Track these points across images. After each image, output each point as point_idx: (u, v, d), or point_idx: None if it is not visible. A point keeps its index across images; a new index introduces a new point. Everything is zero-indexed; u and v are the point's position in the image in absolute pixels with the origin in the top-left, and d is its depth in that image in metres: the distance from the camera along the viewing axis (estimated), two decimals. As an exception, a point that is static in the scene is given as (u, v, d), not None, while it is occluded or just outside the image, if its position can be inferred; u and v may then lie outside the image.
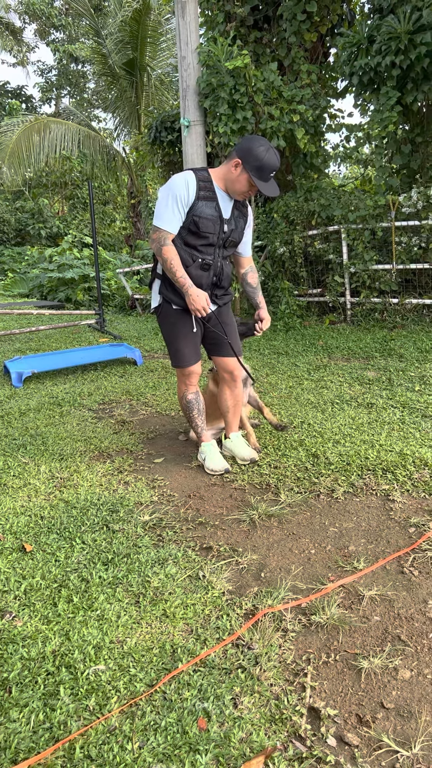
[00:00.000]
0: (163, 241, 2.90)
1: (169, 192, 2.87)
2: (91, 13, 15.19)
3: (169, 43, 15.41)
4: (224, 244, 3.04)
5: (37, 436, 3.91)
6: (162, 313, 3.16)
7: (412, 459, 3.27)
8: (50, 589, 2.22)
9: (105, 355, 5.93)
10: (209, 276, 3.06)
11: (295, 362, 5.72)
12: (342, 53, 7.20)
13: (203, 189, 2.88)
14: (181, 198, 2.85)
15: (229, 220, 3.00)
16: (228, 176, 2.90)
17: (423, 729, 1.59)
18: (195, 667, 1.81)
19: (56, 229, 20.84)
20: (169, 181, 2.90)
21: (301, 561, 2.40)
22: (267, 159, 2.78)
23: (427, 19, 6.15)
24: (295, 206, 7.82)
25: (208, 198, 2.89)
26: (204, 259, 2.99)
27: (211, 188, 2.91)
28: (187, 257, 2.96)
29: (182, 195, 2.85)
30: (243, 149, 2.80)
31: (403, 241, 6.97)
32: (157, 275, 3.14)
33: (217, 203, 2.93)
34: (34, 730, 1.60)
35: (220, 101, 7.57)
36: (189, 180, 2.86)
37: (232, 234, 3.04)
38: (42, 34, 27.12)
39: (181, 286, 2.93)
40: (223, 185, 2.94)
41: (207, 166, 3.10)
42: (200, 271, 3.01)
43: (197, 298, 2.92)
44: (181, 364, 3.20)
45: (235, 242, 3.11)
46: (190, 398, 3.31)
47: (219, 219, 2.94)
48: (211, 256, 3.01)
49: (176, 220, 2.89)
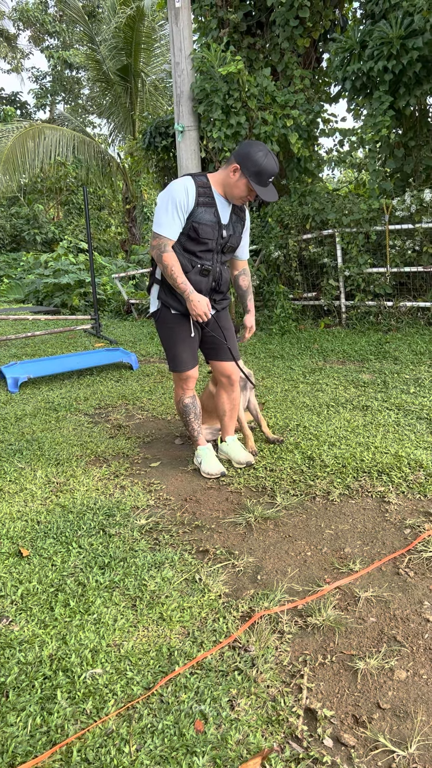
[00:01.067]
0: (164, 248, 2.90)
1: (168, 198, 2.87)
2: (85, 20, 15.26)
3: (163, 49, 15.47)
4: (223, 249, 3.06)
5: (34, 441, 3.91)
6: (160, 317, 3.17)
7: (407, 461, 3.28)
8: (47, 594, 2.22)
9: (101, 360, 5.93)
10: (208, 281, 3.07)
11: (290, 365, 5.73)
12: (335, 58, 7.25)
13: (202, 195, 2.89)
14: (180, 204, 2.85)
15: (227, 225, 3.01)
16: (226, 181, 2.91)
17: (419, 729, 1.59)
18: (192, 669, 1.82)
19: (51, 234, 20.85)
20: (168, 187, 2.91)
21: (297, 563, 2.40)
22: (265, 164, 2.79)
23: (418, 24, 6.21)
24: (290, 210, 7.86)
25: (207, 204, 2.90)
26: (203, 264, 3.00)
27: (210, 194, 2.92)
28: (187, 263, 2.97)
29: (182, 201, 2.85)
30: (241, 154, 2.82)
31: (397, 244, 7.00)
32: (155, 280, 3.14)
33: (216, 209, 2.94)
34: (32, 734, 1.60)
35: (214, 106, 7.61)
36: (188, 186, 2.86)
37: (231, 239, 3.06)
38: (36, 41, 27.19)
39: (182, 291, 2.93)
40: (222, 190, 2.95)
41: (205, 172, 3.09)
42: (199, 277, 3.02)
43: (198, 303, 2.93)
44: (179, 368, 3.21)
45: (233, 247, 3.12)
46: (186, 402, 3.32)
47: (218, 225, 2.96)
48: (210, 261, 3.02)
49: (176, 227, 2.90)
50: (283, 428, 3.93)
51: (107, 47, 14.77)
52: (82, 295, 12.14)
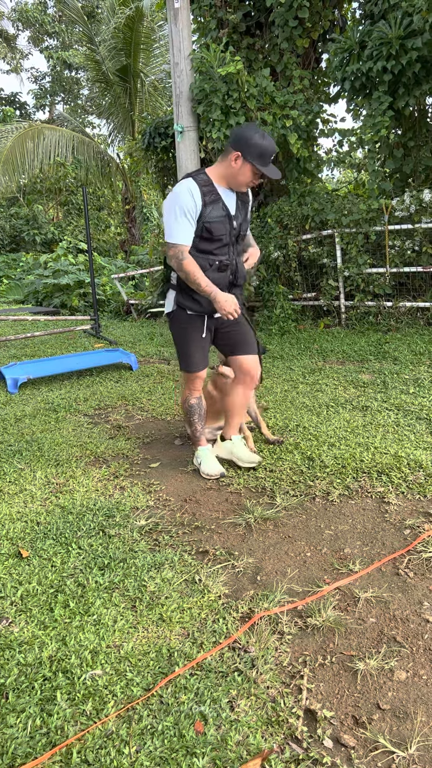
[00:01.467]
0: (181, 256, 2.90)
1: (175, 205, 2.86)
2: (85, 20, 15.26)
3: (163, 50, 15.47)
4: (236, 239, 3.07)
5: (33, 442, 3.91)
6: (175, 317, 3.18)
7: (406, 461, 3.28)
8: (47, 595, 2.22)
9: (100, 360, 5.93)
10: (226, 276, 3.08)
11: (290, 366, 5.73)
12: (334, 59, 7.24)
13: (207, 194, 2.89)
14: (188, 209, 2.85)
15: (235, 215, 3.02)
16: (228, 172, 2.91)
17: (419, 730, 1.59)
18: (191, 670, 1.82)
19: (51, 235, 20.84)
20: (171, 194, 2.90)
21: (296, 564, 2.40)
22: (266, 144, 2.82)
23: (417, 24, 6.21)
24: (289, 211, 7.86)
25: (213, 201, 2.90)
26: (221, 260, 3.01)
27: (214, 189, 2.92)
28: (203, 262, 2.97)
29: (189, 206, 2.85)
30: (239, 141, 2.82)
31: (397, 244, 7.00)
32: (171, 286, 3.14)
33: (223, 202, 2.94)
34: (31, 735, 1.60)
35: (213, 107, 7.61)
36: (192, 189, 2.86)
37: (241, 227, 3.08)
38: (35, 41, 27.20)
39: (208, 294, 2.93)
40: (225, 182, 2.96)
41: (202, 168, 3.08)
42: (217, 274, 3.03)
43: (226, 302, 2.93)
44: (191, 368, 3.22)
45: (244, 233, 3.13)
46: (192, 403, 3.33)
47: (228, 218, 2.97)
48: (226, 255, 3.03)
49: (189, 232, 2.90)
50: (282, 429, 3.93)
51: (106, 47, 14.78)
52: (81, 295, 12.14)
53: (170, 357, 6.57)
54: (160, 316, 9.67)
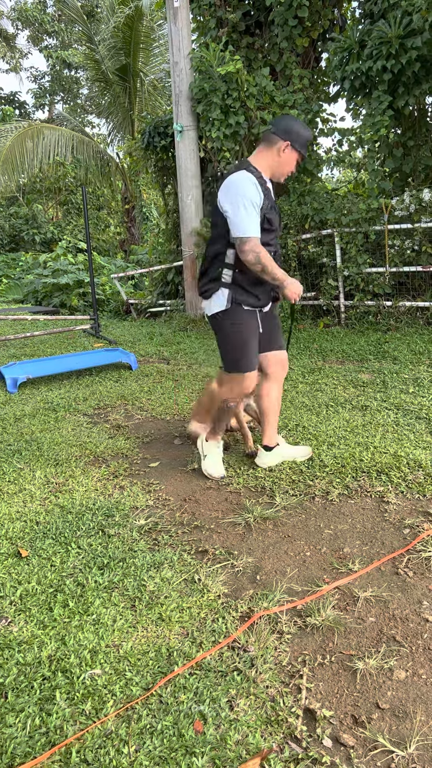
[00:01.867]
0: (258, 248, 2.84)
1: (242, 199, 2.81)
2: (84, 20, 15.26)
3: (162, 49, 15.46)
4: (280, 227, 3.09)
5: (32, 442, 3.91)
6: (229, 315, 3.02)
7: (406, 461, 3.28)
8: (46, 594, 2.22)
9: (100, 360, 5.93)
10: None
11: (289, 365, 5.73)
12: (333, 58, 7.24)
13: (262, 185, 2.90)
14: (254, 201, 2.83)
15: (276, 204, 3.05)
16: (276, 161, 2.93)
17: (418, 729, 1.59)
18: (191, 670, 1.82)
19: (50, 234, 20.84)
20: (232, 188, 2.84)
21: (296, 563, 2.40)
22: (308, 134, 2.91)
23: (417, 23, 6.20)
24: (289, 210, 7.85)
25: (267, 192, 2.92)
26: (275, 250, 3.04)
27: (264, 182, 2.93)
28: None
29: (255, 198, 2.83)
30: (287, 131, 2.86)
31: (396, 244, 7.00)
32: (222, 284, 3.01)
33: (271, 193, 2.98)
34: (31, 734, 1.60)
35: (213, 106, 7.61)
36: (254, 181, 2.84)
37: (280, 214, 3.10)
38: (35, 41, 27.17)
39: (281, 282, 2.92)
40: (270, 173, 2.98)
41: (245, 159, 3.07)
42: None
43: (293, 285, 2.93)
44: (247, 367, 3.06)
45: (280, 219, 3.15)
46: (231, 405, 3.20)
47: (276, 208, 3.00)
48: (275, 245, 3.05)
49: (258, 224, 2.87)
50: (282, 428, 3.93)
51: (106, 47, 14.77)
52: (81, 295, 12.14)
53: (170, 356, 6.57)
54: (159, 315, 9.67)
